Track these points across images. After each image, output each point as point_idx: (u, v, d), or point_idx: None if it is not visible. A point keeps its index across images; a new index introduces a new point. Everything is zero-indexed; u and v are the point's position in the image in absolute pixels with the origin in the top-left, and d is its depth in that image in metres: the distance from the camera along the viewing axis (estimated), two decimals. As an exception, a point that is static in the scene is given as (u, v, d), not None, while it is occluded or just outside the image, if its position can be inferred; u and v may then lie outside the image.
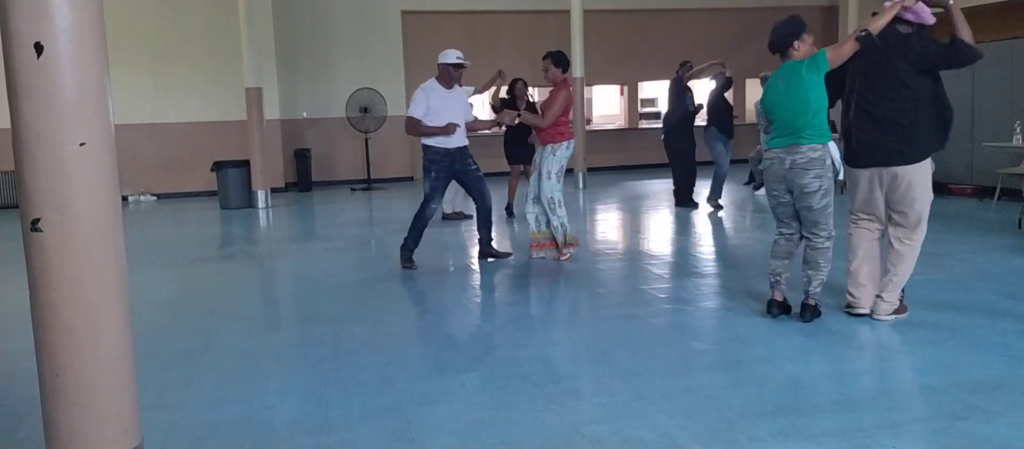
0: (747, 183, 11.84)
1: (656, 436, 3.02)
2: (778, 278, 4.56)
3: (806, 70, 4.22)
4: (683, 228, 8.48)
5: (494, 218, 7.10)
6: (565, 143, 6.39)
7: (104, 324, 2.47)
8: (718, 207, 9.39)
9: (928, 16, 4.24)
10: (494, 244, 6.79)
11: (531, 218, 6.58)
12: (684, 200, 9.74)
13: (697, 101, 9.80)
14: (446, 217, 9.24)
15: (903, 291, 4.52)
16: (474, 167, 6.46)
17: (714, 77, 9.92)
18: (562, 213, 6.43)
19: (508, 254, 6.84)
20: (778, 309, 4.55)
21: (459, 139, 6.33)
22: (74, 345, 2.43)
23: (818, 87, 4.22)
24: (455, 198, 9.17)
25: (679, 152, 9.60)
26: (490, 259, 6.66)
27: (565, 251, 6.51)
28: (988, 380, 3.51)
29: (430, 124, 6.20)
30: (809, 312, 4.42)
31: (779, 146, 4.33)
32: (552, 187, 6.37)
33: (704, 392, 3.49)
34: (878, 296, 4.45)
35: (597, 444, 2.98)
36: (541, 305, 5.41)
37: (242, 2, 11.39)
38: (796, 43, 4.32)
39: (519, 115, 6.92)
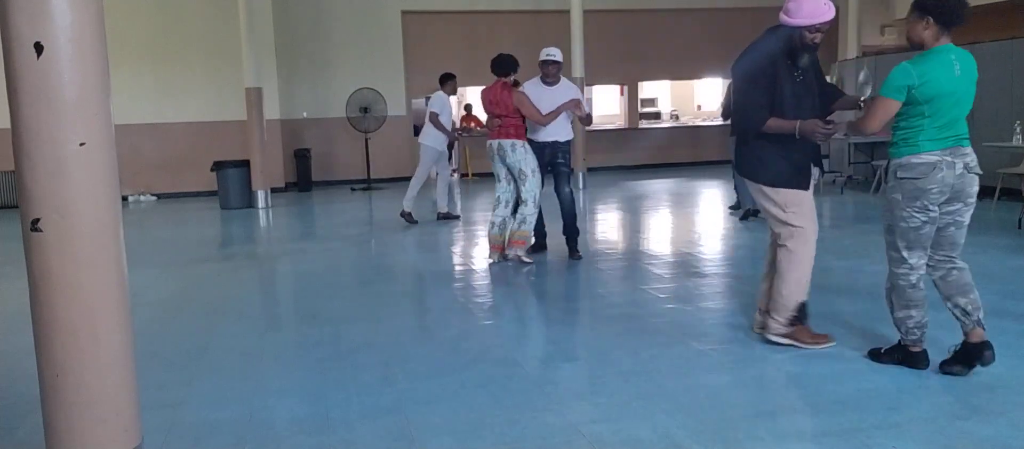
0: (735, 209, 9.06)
1: (656, 436, 3.02)
2: (924, 330, 3.63)
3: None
4: (684, 229, 8.47)
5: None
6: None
7: (104, 324, 2.48)
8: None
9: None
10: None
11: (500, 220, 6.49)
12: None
13: None
14: (440, 217, 9.28)
15: (803, 314, 4.02)
16: (562, 162, 6.50)
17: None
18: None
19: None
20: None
21: (553, 133, 6.40)
22: (74, 345, 2.43)
23: None
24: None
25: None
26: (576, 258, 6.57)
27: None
28: (988, 380, 3.51)
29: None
30: (990, 349, 3.56)
31: (941, 148, 3.41)
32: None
33: (704, 392, 3.49)
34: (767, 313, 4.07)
35: (597, 444, 2.98)
36: (541, 305, 5.40)
37: (242, 2, 11.38)
38: None
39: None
